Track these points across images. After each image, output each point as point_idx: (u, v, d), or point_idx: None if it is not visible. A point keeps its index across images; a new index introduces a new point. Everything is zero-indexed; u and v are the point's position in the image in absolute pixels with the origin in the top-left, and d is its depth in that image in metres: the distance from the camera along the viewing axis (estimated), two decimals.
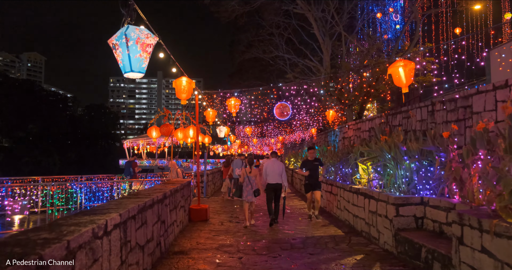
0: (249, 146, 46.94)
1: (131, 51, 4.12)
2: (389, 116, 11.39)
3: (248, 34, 35.25)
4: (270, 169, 9.26)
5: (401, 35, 23.84)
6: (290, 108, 16.29)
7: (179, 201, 8.29)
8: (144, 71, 4.47)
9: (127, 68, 4.30)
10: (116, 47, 4.17)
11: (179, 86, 7.67)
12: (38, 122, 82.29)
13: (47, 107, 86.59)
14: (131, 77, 4.54)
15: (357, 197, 8.11)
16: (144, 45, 4.18)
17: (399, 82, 6.61)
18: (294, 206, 12.52)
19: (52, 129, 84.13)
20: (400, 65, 6.47)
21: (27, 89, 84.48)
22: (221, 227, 8.89)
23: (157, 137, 10.63)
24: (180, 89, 7.63)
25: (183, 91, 7.58)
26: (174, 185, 8.07)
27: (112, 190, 12.17)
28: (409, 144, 6.74)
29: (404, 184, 6.64)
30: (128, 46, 4.04)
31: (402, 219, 6.16)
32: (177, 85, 7.72)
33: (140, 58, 4.22)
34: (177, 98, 11.34)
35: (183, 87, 7.58)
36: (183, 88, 7.57)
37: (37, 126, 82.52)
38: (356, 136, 14.69)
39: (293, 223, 9.39)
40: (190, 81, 7.85)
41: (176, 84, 7.75)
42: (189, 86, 7.75)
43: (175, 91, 7.78)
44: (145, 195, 5.85)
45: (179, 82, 7.74)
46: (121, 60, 4.23)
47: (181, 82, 7.70)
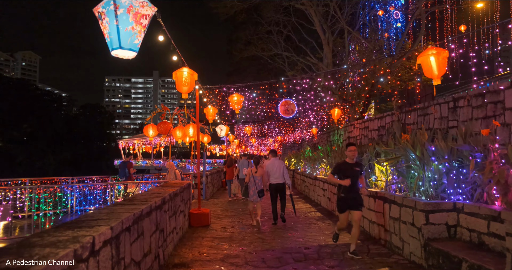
0: (247, 146, 46.19)
1: (120, 21, 3.30)
2: (401, 114, 10.69)
3: (247, 32, 34.52)
4: (271, 168, 9.21)
5: (406, 32, 23.17)
6: (296, 105, 15.54)
7: (179, 206, 7.56)
8: (137, 50, 3.56)
9: (114, 44, 3.45)
10: (103, 17, 3.32)
11: (180, 78, 6.88)
12: (33, 122, 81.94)
13: (42, 106, 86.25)
14: (120, 56, 3.61)
15: (374, 201, 7.40)
16: (138, 16, 3.33)
17: (430, 73, 5.89)
18: (300, 210, 11.80)
19: (46, 129, 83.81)
20: (432, 54, 5.74)
21: (21, 89, 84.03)
22: (225, 233, 8.16)
23: (154, 136, 9.90)
24: (180, 81, 6.83)
25: (184, 84, 6.79)
26: (173, 188, 7.34)
27: (105, 193, 11.35)
28: (437, 142, 6.04)
29: (431, 187, 5.94)
30: (117, 15, 3.20)
31: (433, 227, 5.46)
32: (178, 77, 6.92)
33: (132, 32, 3.38)
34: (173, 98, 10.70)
35: (184, 79, 6.79)
36: (184, 80, 6.78)
37: (32, 126, 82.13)
38: (363, 135, 14.01)
39: (302, 229, 8.67)
40: (192, 72, 7.06)
41: (177, 76, 6.96)
42: (191, 78, 6.96)
43: (175, 84, 6.98)
44: (141, 201, 5.12)
45: (179, 74, 6.95)
46: (108, 34, 3.37)
47: (182, 74, 6.92)
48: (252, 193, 9.02)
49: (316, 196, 13.46)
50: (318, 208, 12.02)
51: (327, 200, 11.71)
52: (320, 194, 12.67)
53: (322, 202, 12.41)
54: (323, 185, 12.19)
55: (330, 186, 11.27)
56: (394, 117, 11.29)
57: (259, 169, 9.22)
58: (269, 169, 9.27)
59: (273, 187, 9.24)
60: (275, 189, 9.24)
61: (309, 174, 15.22)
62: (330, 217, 10.19)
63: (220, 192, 17.76)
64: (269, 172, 9.24)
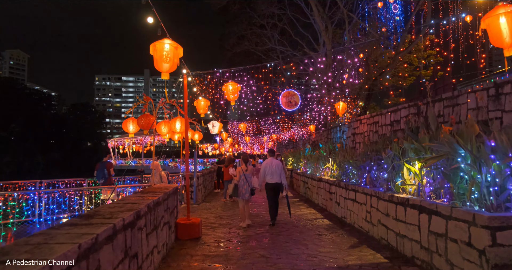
0: (240, 145, 44.64)
1: None
2: (422, 106, 9.30)
3: (240, 26, 33.02)
4: (268, 168, 9.13)
5: (409, 22, 21.83)
6: (300, 96, 14.00)
7: (162, 217, 6.07)
8: None
9: None
10: None
11: (160, 52, 5.28)
12: (21, 121, 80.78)
13: (30, 106, 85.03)
14: None
15: (404, 210, 5.98)
16: None
17: (499, 40, 4.42)
18: (303, 216, 10.37)
19: (35, 129, 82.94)
20: (502, 13, 4.26)
21: (8, 88, 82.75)
22: (219, 249, 6.68)
23: (135, 132, 8.41)
24: (160, 56, 5.25)
25: (165, 59, 5.20)
26: (155, 195, 5.86)
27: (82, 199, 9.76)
28: (496, 135, 4.63)
29: (491, 195, 4.53)
30: None
31: (502, 250, 4.04)
32: (157, 50, 5.31)
33: None
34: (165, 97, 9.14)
35: (165, 54, 5.21)
36: (165, 55, 5.20)
37: (20, 126, 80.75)
38: (372, 131, 12.61)
39: (312, 242, 7.22)
40: (176, 45, 5.46)
41: (156, 49, 5.33)
42: (174, 53, 5.38)
43: (154, 60, 5.42)
44: (104, 218, 3.66)
45: (159, 46, 5.33)
46: None
47: (163, 46, 5.32)
48: (244, 191, 8.87)
49: (321, 199, 12.04)
50: (324, 214, 10.59)
51: (335, 204, 10.29)
52: (326, 197, 11.25)
53: (329, 206, 10.99)
54: (330, 187, 10.76)
55: (339, 188, 9.85)
56: (411, 109, 9.89)
57: (249, 167, 9.20)
58: (266, 168, 9.16)
59: (270, 187, 9.14)
60: (272, 189, 9.14)
61: (311, 175, 13.80)
62: (341, 226, 8.76)
63: (212, 195, 16.27)
64: (266, 171, 9.14)
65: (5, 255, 2.27)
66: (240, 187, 8.99)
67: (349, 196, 8.91)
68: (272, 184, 9.10)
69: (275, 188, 9.13)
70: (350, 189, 8.82)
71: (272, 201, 9.11)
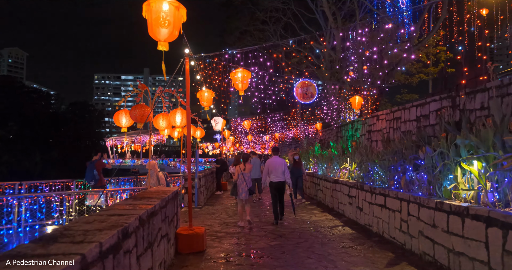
0: (242, 144, 43.38)
1: None
2: (458, 98, 8.11)
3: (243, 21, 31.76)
4: (272, 167, 9.02)
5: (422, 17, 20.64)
6: (317, 87, 12.68)
7: (159, 230, 4.89)
8: None
9: None
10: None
11: (156, 13, 3.85)
12: (19, 120, 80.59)
13: (29, 104, 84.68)
14: None
15: (462, 221, 4.79)
16: None
17: None
18: (319, 223, 9.16)
19: (33, 128, 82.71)
20: None
21: (7, 86, 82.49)
22: (229, 267, 5.49)
23: (129, 126, 7.23)
24: (157, 18, 3.82)
25: (162, 23, 3.77)
26: (150, 201, 4.69)
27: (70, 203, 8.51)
28: None
29: None
30: None
31: None
32: (152, 11, 3.80)
33: None
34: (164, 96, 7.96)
35: (163, 15, 3.84)
36: (163, 17, 3.85)
37: (18, 124, 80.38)
38: (392, 128, 11.42)
39: (339, 257, 6.02)
40: (178, 5, 4.20)
41: (151, 9, 3.86)
42: (175, 15, 4.03)
43: (147, 24, 4.11)
44: (72, 241, 2.50)
45: (156, 5, 3.97)
46: None
47: (160, 6, 3.97)
48: (241, 191, 8.63)
49: (337, 203, 10.84)
50: (343, 220, 9.40)
51: (356, 210, 9.10)
52: (344, 201, 10.06)
53: (348, 212, 9.80)
54: (350, 190, 9.57)
55: (361, 192, 8.67)
56: (443, 102, 8.71)
57: (247, 166, 8.94)
58: (270, 166, 9.04)
59: (273, 186, 9.02)
60: (275, 188, 9.03)
61: (324, 176, 12.62)
62: (367, 236, 7.57)
63: (214, 198, 15.08)
64: (270, 170, 9.03)
65: None
66: (238, 186, 8.72)
67: (376, 201, 7.72)
68: (276, 183, 8.98)
69: (279, 187, 9.02)
70: (378, 193, 7.63)
71: (275, 200, 9.01)
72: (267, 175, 9.14)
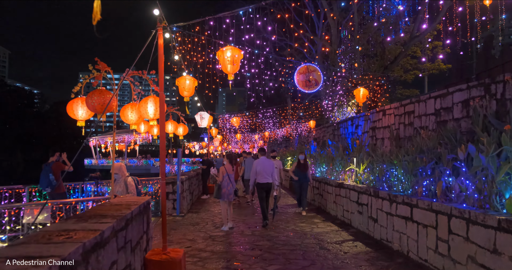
0: (230, 143, 41.70)
1: None
2: (493, 85, 6.69)
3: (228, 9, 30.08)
4: (260, 167, 8.86)
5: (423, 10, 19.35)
6: (322, 74, 10.98)
7: (113, 264, 3.32)
8: None
9: None
10: None
11: None
12: (0, 119, 78.58)
13: (11, 103, 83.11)
14: None
15: None
16: None
17: None
18: (324, 236, 7.66)
19: (15, 127, 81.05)
20: None
21: None
22: None
23: (86, 118, 5.68)
24: None
25: None
26: (99, 225, 3.13)
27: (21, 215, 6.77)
28: None
29: None
30: None
31: None
32: None
33: None
34: None
35: None
36: None
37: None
38: (403, 124, 9.98)
39: None
40: None
41: None
42: None
43: None
44: None
45: None
46: None
47: None
48: (228, 192, 8.31)
49: (342, 211, 9.37)
50: (351, 233, 7.92)
51: (368, 220, 7.63)
52: (352, 209, 8.59)
53: (356, 222, 8.33)
54: (359, 196, 8.11)
55: (375, 199, 7.21)
56: (473, 91, 7.28)
57: (233, 167, 8.79)
58: (257, 167, 8.86)
59: (260, 187, 8.86)
60: (263, 189, 8.87)
61: (323, 179, 11.16)
62: (387, 255, 6.09)
63: (200, 202, 13.50)
64: (256, 170, 8.86)
65: None
66: (224, 187, 8.34)
67: (398, 212, 6.25)
68: (263, 184, 8.82)
69: (266, 189, 8.88)
70: (400, 202, 6.16)
71: (263, 201, 8.86)
72: (254, 176, 8.89)
